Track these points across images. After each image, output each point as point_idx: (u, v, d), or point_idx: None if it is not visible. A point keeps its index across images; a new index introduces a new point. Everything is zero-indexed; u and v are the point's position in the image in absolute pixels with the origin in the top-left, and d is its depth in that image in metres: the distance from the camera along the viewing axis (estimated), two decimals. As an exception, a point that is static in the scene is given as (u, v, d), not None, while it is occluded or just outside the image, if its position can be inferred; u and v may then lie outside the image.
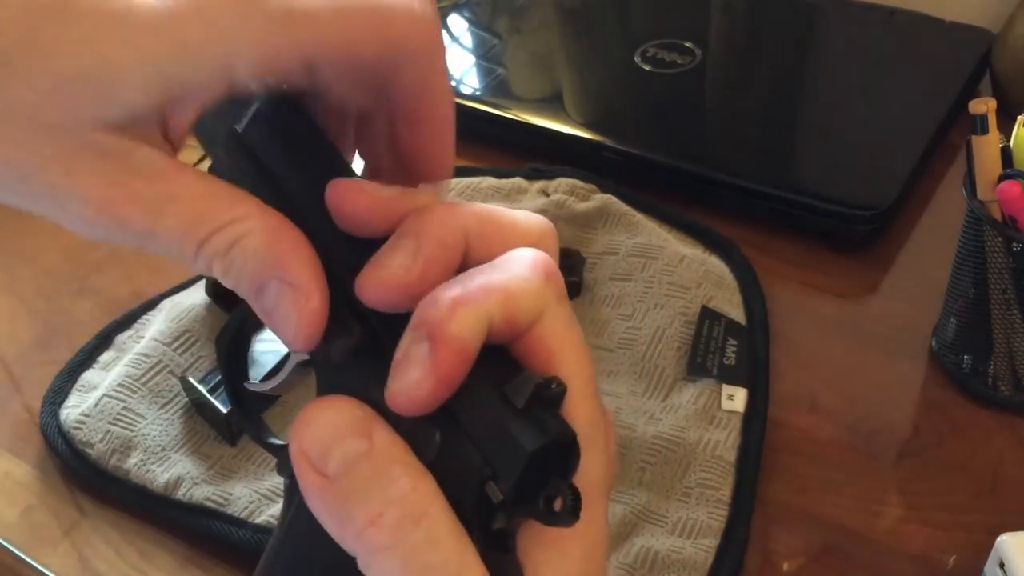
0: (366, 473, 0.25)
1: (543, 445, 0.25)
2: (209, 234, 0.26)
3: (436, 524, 0.24)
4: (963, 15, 0.86)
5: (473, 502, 0.25)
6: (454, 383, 0.25)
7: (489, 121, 0.81)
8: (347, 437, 0.25)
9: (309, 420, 0.26)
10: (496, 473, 0.25)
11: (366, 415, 0.26)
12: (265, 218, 0.26)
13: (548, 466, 0.25)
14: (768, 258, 0.70)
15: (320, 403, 0.26)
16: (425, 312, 0.25)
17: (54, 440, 0.60)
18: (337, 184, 0.27)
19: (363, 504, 0.24)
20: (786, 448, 0.59)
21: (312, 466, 0.25)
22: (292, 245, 0.26)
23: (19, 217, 0.80)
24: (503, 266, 0.27)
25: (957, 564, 0.52)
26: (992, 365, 0.59)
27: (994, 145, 0.55)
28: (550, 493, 0.25)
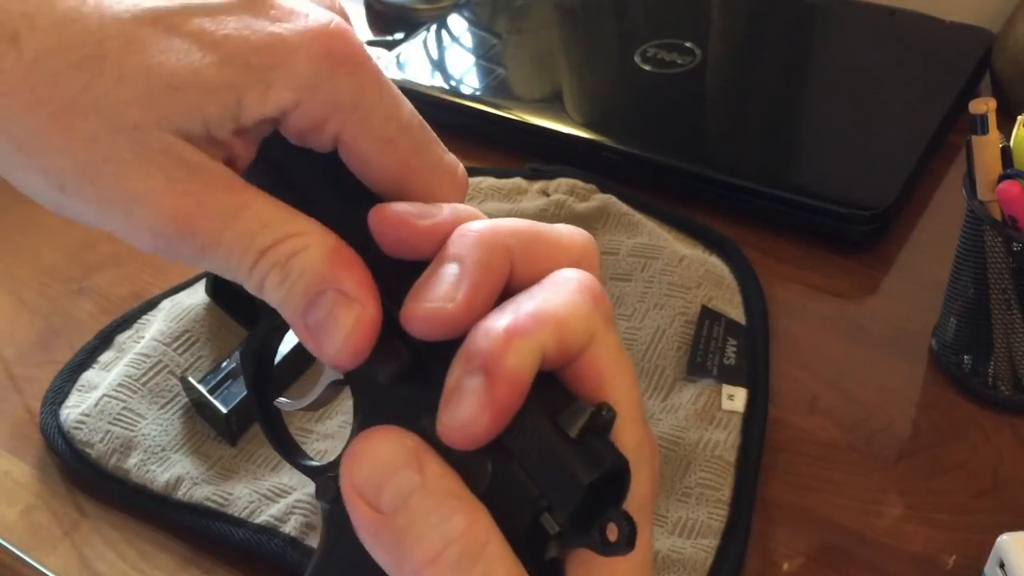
0: (421, 508, 0.25)
1: (599, 478, 0.25)
2: (272, 244, 0.26)
3: (494, 560, 0.24)
4: (963, 15, 0.86)
5: (527, 533, 0.25)
6: (509, 416, 0.25)
7: (489, 121, 0.81)
8: (400, 471, 0.25)
9: (359, 454, 0.26)
10: (552, 504, 0.25)
11: (417, 446, 0.26)
12: (325, 234, 0.27)
13: (601, 494, 0.25)
14: (768, 258, 0.70)
15: (370, 435, 0.26)
16: (478, 344, 0.25)
17: (54, 440, 0.60)
18: (379, 209, 0.28)
19: (420, 542, 0.24)
20: (786, 448, 0.59)
21: (365, 501, 0.25)
22: (350, 260, 0.27)
23: (19, 217, 0.80)
24: (552, 291, 0.26)
25: (957, 564, 0.52)
26: (992, 365, 0.59)
27: (994, 145, 0.55)
28: (605, 523, 0.24)
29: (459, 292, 0.26)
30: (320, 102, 0.27)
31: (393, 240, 0.28)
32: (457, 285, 0.26)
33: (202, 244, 0.26)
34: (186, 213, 0.26)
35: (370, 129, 0.28)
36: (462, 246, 0.27)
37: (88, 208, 0.26)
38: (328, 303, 0.26)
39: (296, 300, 0.26)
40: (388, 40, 0.95)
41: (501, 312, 0.26)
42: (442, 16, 0.94)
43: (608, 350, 0.27)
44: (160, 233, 0.26)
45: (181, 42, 0.26)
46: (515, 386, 0.25)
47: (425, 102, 0.84)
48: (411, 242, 0.27)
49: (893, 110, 0.78)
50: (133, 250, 0.74)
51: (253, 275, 0.27)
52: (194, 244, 0.26)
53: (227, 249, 0.26)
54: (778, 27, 0.90)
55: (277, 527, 0.54)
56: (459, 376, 0.25)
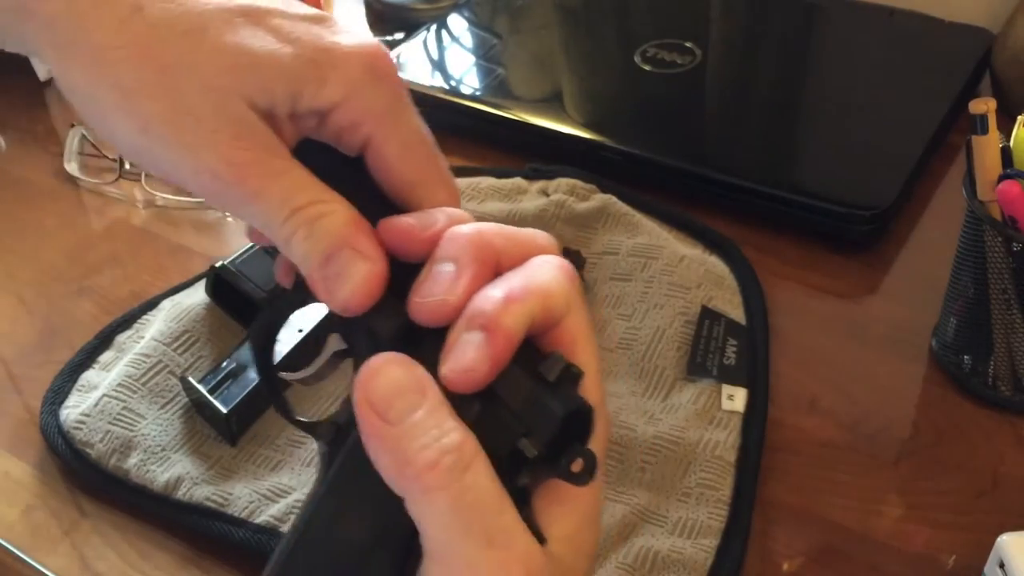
0: (424, 423, 0.29)
1: (572, 411, 0.30)
2: (305, 204, 0.32)
3: (480, 472, 0.29)
4: (963, 15, 0.86)
5: (507, 458, 0.29)
6: (502, 366, 0.30)
7: (489, 121, 0.81)
8: (408, 392, 0.29)
9: (375, 372, 0.30)
10: (530, 433, 0.29)
11: (423, 374, 0.30)
12: (347, 205, 0.32)
13: (568, 433, 0.30)
14: (768, 258, 0.70)
15: (384, 358, 0.30)
16: (480, 307, 0.30)
17: (54, 440, 0.60)
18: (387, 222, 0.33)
19: (422, 450, 0.28)
20: (786, 448, 0.59)
21: (376, 413, 0.29)
22: (366, 227, 0.32)
23: (19, 217, 0.80)
24: (537, 269, 0.32)
25: (957, 564, 0.52)
26: (992, 365, 0.59)
27: (994, 145, 0.55)
28: (572, 455, 0.29)
29: (459, 286, 0.31)
30: (361, 104, 0.33)
31: (399, 247, 0.32)
32: (456, 280, 0.31)
33: (249, 193, 0.31)
34: (242, 164, 0.31)
35: (397, 135, 0.34)
36: (456, 247, 0.31)
37: (163, 149, 0.31)
38: (345, 257, 0.31)
39: (318, 254, 0.32)
40: (388, 40, 0.95)
41: (497, 284, 0.31)
42: (442, 16, 0.94)
43: (581, 320, 0.32)
44: (219, 176, 0.31)
45: (265, 33, 0.32)
46: (509, 342, 0.30)
47: (425, 102, 0.83)
48: (414, 250, 0.32)
49: (893, 110, 0.78)
50: (133, 250, 0.75)
51: (284, 228, 0.32)
52: (242, 191, 0.31)
53: (268, 201, 0.32)
54: (778, 27, 0.90)
55: (277, 527, 0.54)
56: (462, 332, 0.30)
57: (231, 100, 0.31)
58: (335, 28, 0.34)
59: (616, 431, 0.57)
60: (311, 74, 0.32)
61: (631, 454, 0.56)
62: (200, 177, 0.32)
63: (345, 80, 0.33)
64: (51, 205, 0.81)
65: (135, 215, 0.79)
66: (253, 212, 0.32)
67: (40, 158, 0.86)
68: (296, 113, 0.33)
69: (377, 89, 0.33)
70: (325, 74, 0.32)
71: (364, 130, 0.34)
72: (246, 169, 0.31)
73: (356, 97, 0.33)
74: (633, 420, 0.58)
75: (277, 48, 0.32)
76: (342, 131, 0.34)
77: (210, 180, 0.31)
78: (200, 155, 0.31)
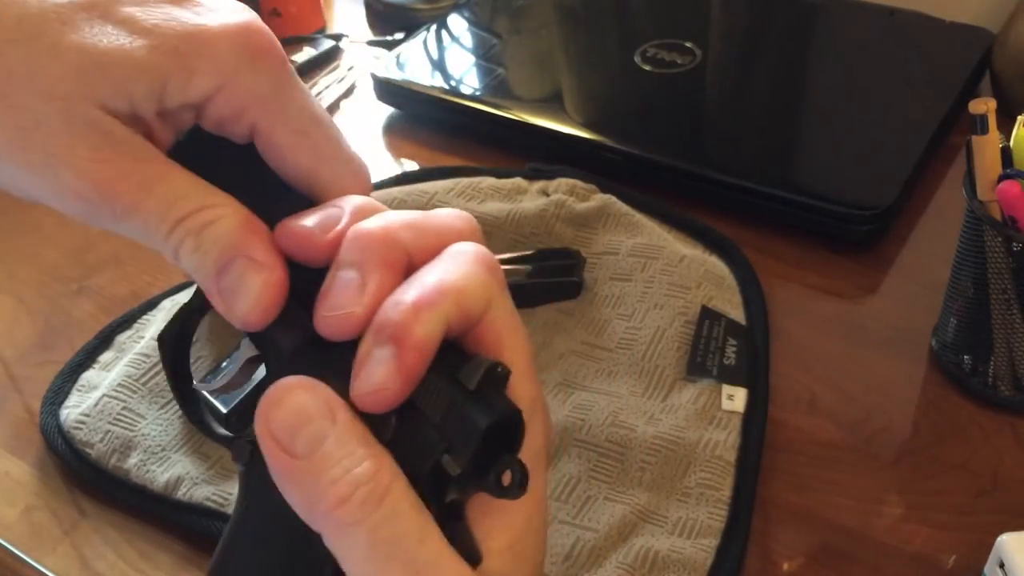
0: (332, 454, 0.26)
1: (495, 421, 0.27)
2: (188, 213, 0.28)
3: (398, 500, 0.26)
4: (963, 15, 0.86)
5: (430, 476, 0.27)
6: (417, 380, 0.27)
7: (489, 121, 0.81)
8: (314, 419, 0.27)
9: (276, 402, 0.27)
10: (452, 448, 0.27)
11: (331, 397, 0.27)
12: (237, 207, 0.29)
13: (497, 442, 0.27)
14: (768, 258, 0.70)
15: (286, 385, 0.28)
16: (387, 316, 0.27)
17: (54, 440, 0.60)
18: (283, 226, 0.29)
19: (331, 485, 0.26)
20: (786, 448, 0.59)
21: (280, 447, 0.27)
22: (259, 230, 0.29)
23: (19, 217, 0.80)
24: (450, 264, 0.29)
25: (957, 564, 0.52)
26: (992, 365, 0.59)
27: (994, 145, 0.55)
28: (500, 468, 0.27)
29: (364, 295, 0.28)
30: (240, 91, 0.29)
31: (299, 254, 0.29)
32: (361, 289, 0.28)
33: (122, 210, 0.28)
34: (108, 179, 0.27)
35: (286, 120, 0.30)
36: (358, 250, 0.28)
37: (19, 173, 0.28)
38: (239, 268, 0.28)
39: (209, 266, 0.28)
40: (388, 40, 0.95)
41: (407, 286, 0.28)
42: (442, 16, 0.94)
43: (504, 314, 0.29)
44: (83, 197, 0.28)
45: (113, 27, 0.28)
46: (422, 353, 0.27)
47: (425, 102, 0.84)
48: (315, 255, 0.29)
49: (893, 110, 0.78)
50: (133, 250, 0.75)
51: (169, 242, 0.28)
52: (114, 209, 0.28)
53: (145, 216, 0.28)
54: (778, 27, 0.90)
55: (277, 527, 0.54)
56: (370, 346, 0.27)
57: (81, 107, 0.27)
58: (198, 7, 0.29)
59: (616, 431, 0.57)
60: (174, 66, 0.28)
61: (631, 454, 0.56)
62: (64, 199, 0.28)
63: (216, 67, 0.29)
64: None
65: (135, 215, 0.79)
66: (131, 229, 0.28)
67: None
68: (165, 110, 0.29)
69: (256, 70, 0.29)
70: (191, 64, 0.28)
71: (248, 118, 0.30)
72: (113, 184, 0.28)
73: (233, 83, 0.29)
74: (633, 420, 0.58)
75: (128, 42, 0.28)
76: (224, 121, 0.30)
77: (75, 201, 0.28)
78: (59, 175, 0.27)
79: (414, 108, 0.85)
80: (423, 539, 0.26)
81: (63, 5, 0.28)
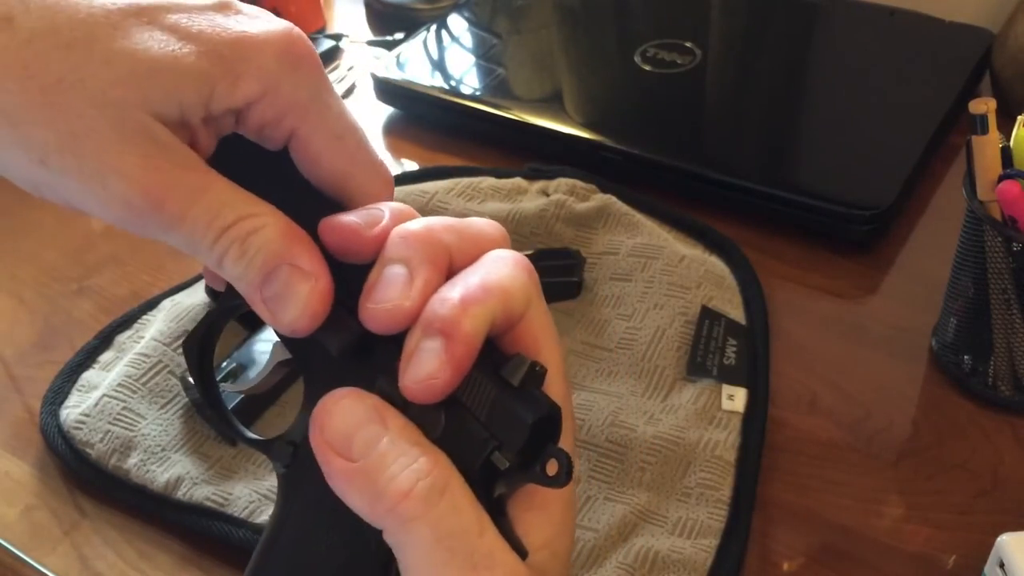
0: (389, 453, 0.28)
1: (541, 417, 0.28)
2: (233, 222, 0.29)
3: (457, 494, 0.28)
4: (963, 15, 0.86)
5: (479, 472, 0.28)
6: (464, 373, 0.28)
7: (489, 121, 0.81)
8: (366, 424, 0.28)
9: (328, 411, 0.29)
10: (501, 444, 0.28)
11: (377, 402, 0.29)
12: (279, 215, 0.30)
13: (539, 437, 0.29)
14: (768, 258, 0.70)
15: (336, 395, 0.29)
16: (437, 311, 0.28)
17: (54, 440, 0.60)
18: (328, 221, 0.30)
19: (392, 480, 0.27)
20: (786, 448, 0.59)
21: (337, 453, 0.28)
22: (303, 238, 0.30)
23: (19, 217, 0.80)
24: (492, 266, 0.30)
25: (957, 564, 0.52)
26: (992, 365, 0.59)
27: (994, 145, 0.55)
28: (545, 458, 0.28)
29: (413, 289, 0.29)
30: (282, 97, 0.30)
31: (343, 250, 0.30)
32: (409, 283, 0.29)
33: (169, 219, 0.28)
34: (157, 188, 0.28)
35: (324, 125, 0.31)
36: (405, 247, 0.29)
37: (67, 181, 0.28)
38: (284, 276, 0.29)
39: (254, 274, 0.29)
40: (388, 40, 0.95)
41: (453, 285, 0.29)
42: (442, 16, 0.94)
43: (541, 316, 0.31)
44: (132, 205, 0.28)
45: (161, 33, 0.28)
46: (469, 347, 0.28)
47: (425, 102, 0.84)
48: (358, 251, 0.30)
49: (893, 110, 0.78)
50: (133, 250, 0.75)
51: (214, 250, 0.29)
52: (162, 218, 0.28)
53: (192, 225, 0.29)
54: (778, 27, 0.90)
55: (277, 527, 0.54)
56: (419, 339, 0.28)
57: (133, 114, 0.28)
58: (240, 15, 0.30)
59: (616, 431, 0.57)
60: (221, 72, 0.29)
61: (631, 454, 0.56)
62: (112, 208, 0.28)
63: (260, 73, 0.29)
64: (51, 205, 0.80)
65: (135, 215, 0.79)
66: (177, 238, 0.29)
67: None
68: (210, 116, 0.30)
69: (297, 78, 0.30)
70: (236, 69, 0.29)
71: (287, 123, 0.31)
72: (162, 193, 0.28)
73: (275, 90, 0.30)
74: (633, 420, 0.58)
75: (178, 48, 0.28)
76: (263, 127, 0.31)
77: (124, 210, 0.28)
78: (108, 183, 0.28)
79: (414, 108, 0.85)
80: (482, 532, 0.28)
81: (113, 11, 0.28)
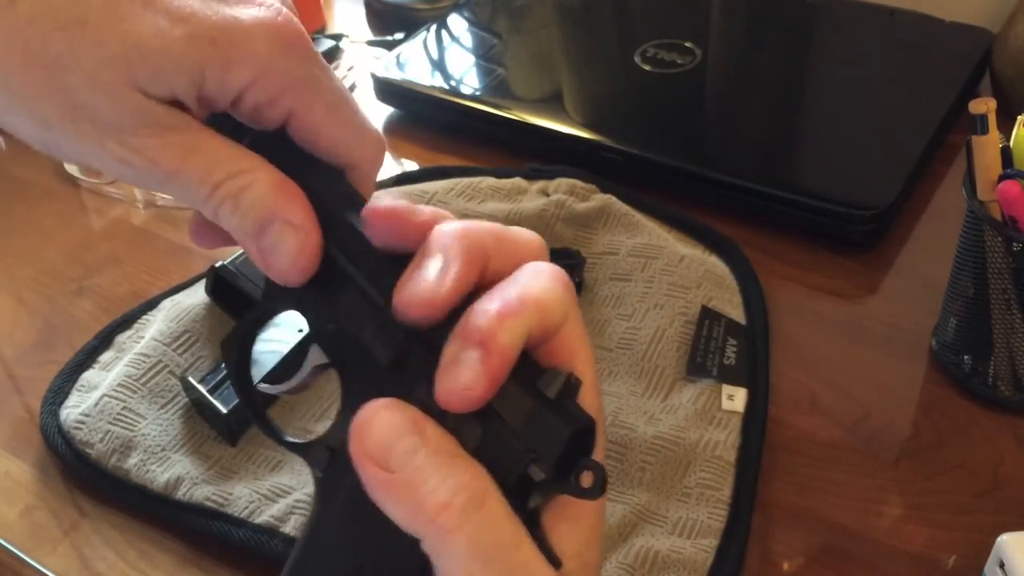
0: (428, 465, 0.28)
1: (578, 429, 0.29)
2: (224, 178, 0.30)
3: (495, 506, 0.28)
4: (963, 15, 0.86)
5: (515, 484, 0.29)
6: (499, 383, 0.28)
7: (489, 121, 0.81)
8: (404, 435, 0.28)
9: (366, 424, 0.29)
10: (538, 456, 0.28)
11: (415, 414, 0.29)
12: (270, 170, 0.31)
13: (575, 448, 0.29)
14: (768, 258, 0.70)
15: (373, 407, 0.29)
16: (475, 322, 0.29)
17: (54, 440, 0.60)
18: (374, 206, 0.31)
19: (432, 492, 0.28)
20: (786, 448, 0.59)
21: (376, 464, 0.28)
22: (293, 193, 0.31)
23: (19, 217, 0.80)
24: (531, 279, 0.30)
25: (957, 564, 0.52)
26: (992, 365, 0.59)
27: (994, 145, 0.55)
28: (580, 471, 0.28)
29: (447, 278, 0.29)
30: (276, 80, 0.31)
31: (386, 233, 0.31)
32: (445, 272, 0.29)
33: (164, 175, 0.30)
34: (151, 148, 0.30)
35: (319, 100, 0.32)
36: (446, 240, 0.30)
37: (69, 143, 0.30)
38: (276, 230, 0.31)
39: (248, 227, 0.31)
40: (388, 40, 0.95)
41: (491, 297, 0.29)
42: (442, 16, 0.94)
43: (577, 329, 0.31)
44: (130, 164, 0.30)
45: (153, 15, 0.29)
46: (506, 358, 0.28)
47: (425, 102, 0.84)
48: (403, 235, 0.31)
49: (893, 110, 0.78)
50: (133, 250, 0.75)
51: (209, 204, 0.31)
52: (157, 174, 0.30)
53: (186, 180, 0.31)
54: (778, 27, 0.90)
55: (277, 527, 0.54)
56: (457, 350, 0.29)
57: (124, 93, 0.29)
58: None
59: (616, 431, 0.57)
60: (211, 57, 0.30)
61: (631, 454, 0.56)
62: (111, 165, 0.30)
63: (252, 59, 0.30)
64: (51, 205, 0.81)
65: (135, 215, 0.79)
66: (173, 190, 0.31)
67: (40, 158, 0.86)
68: (204, 97, 0.31)
69: (289, 59, 0.31)
70: (227, 55, 0.30)
71: (282, 104, 0.32)
72: (156, 153, 0.30)
73: (268, 74, 0.31)
74: (633, 420, 0.58)
75: (167, 31, 0.29)
76: (260, 107, 0.31)
77: (122, 167, 0.30)
78: (106, 146, 0.30)
79: (414, 108, 0.85)
80: (519, 544, 0.28)
81: None
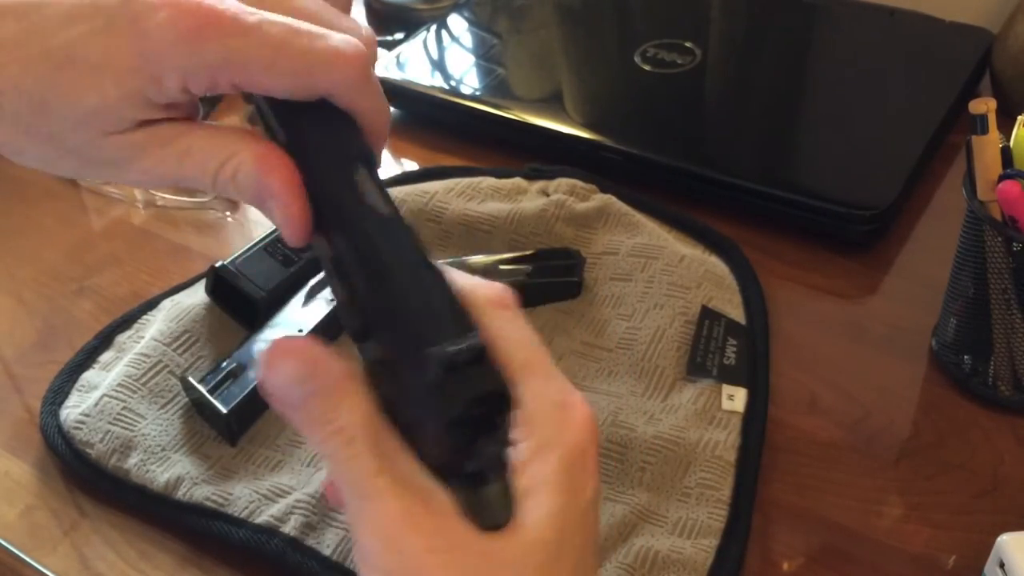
0: (316, 406, 0.32)
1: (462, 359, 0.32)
2: (217, 169, 0.34)
3: (360, 445, 0.31)
4: (963, 15, 0.86)
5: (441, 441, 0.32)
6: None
7: (489, 121, 0.81)
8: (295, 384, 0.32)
9: (270, 366, 0.32)
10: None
11: (317, 354, 0.32)
12: (253, 147, 0.34)
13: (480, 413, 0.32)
14: (768, 258, 0.70)
15: (279, 348, 0.32)
16: None
17: (54, 440, 0.60)
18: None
19: (318, 425, 0.32)
20: (786, 448, 0.59)
21: (280, 401, 0.32)
22: (275, 167, 0.34)
23: (19, 217, 0.80)
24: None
25: (957, 564, 0.52)
26: (992, 365, 0.59)
27: (994, 145, 0.55)
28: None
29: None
30: (200, 73, 0.32)
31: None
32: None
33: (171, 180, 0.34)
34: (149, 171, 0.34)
35: (255, 64, 0.32)
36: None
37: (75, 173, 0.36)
38: (270, 205, 0.34)
39: (251, 200, 0.35)
40: (388, 40, 0.95)
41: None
42: (442, 16, 0.94)
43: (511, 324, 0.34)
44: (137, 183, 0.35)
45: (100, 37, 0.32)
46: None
47: (425, 102, 0.84)
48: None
49: (893, 110, 0.78)
50: (133, 250, 0.75)
51: (216, 189, 0.34)
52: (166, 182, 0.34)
53: (190, 179, 0.34)
54: (778, 27, 0.90)
55: (277, 527, 0.54)
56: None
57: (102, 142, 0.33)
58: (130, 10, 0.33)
59: (616, 431, 0.57)
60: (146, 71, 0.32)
61: (631, 454, 0.56)
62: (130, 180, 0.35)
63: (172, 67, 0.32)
64: (51, 205, 0.81)
65: (135, 215, 0.79)
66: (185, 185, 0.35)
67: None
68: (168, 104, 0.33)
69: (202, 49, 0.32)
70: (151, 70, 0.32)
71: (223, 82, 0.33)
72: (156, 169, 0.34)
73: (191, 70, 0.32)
74: (633, 420, 0.58)
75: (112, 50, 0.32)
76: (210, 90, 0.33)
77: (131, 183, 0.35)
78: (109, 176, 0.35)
79: (414, 108, 0.85)
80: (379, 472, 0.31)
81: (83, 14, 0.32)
